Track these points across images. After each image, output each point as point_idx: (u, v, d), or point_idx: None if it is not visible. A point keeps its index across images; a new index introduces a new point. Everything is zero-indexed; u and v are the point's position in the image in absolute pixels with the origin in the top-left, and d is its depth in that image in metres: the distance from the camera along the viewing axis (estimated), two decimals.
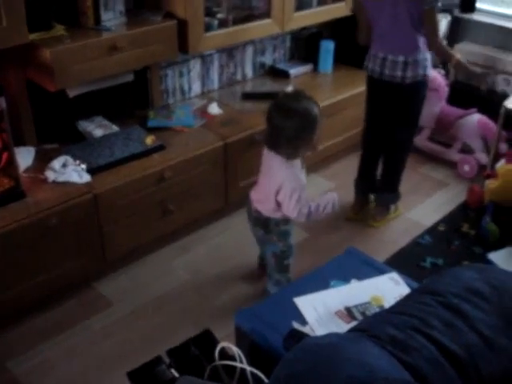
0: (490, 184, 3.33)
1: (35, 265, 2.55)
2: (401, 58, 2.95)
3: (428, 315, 1.57)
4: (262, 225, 2.58)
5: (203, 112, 3.34)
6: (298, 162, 2.45)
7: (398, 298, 1.99)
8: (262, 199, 2.54)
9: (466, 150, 3.90)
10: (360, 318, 1.91)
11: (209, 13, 3.16)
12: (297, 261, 2.90)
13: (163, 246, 3.08)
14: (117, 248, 2.82)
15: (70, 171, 2.68)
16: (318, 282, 2.07)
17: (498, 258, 2.83)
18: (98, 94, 3.01)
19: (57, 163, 2.70)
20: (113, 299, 2.77)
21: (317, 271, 2.15)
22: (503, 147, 3.70)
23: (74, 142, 2.91)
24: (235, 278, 2.91)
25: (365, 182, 3.40)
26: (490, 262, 2.79)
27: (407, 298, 1.75)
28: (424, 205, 3.54)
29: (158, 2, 3.04)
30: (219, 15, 3.25)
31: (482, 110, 3.87)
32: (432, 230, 3.30)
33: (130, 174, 2.76)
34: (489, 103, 3.89)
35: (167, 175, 2.85)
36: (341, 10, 3.75)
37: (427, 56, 2.99)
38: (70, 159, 2.74)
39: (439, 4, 2.85)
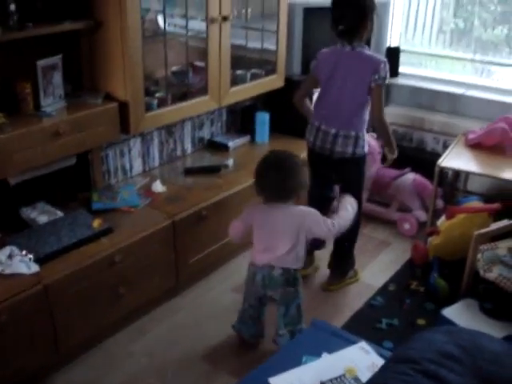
0: (433, 240, 3.44)
1: None
2: (333, 131, 3.05)
3: None
4: (293, 281, 2.71)
5: (147, 190, 3.31)
6: None
7: (371, 367, 2.01)
8: (284, 254, 2.65)
9: (404, 208, 4.03)
10: None
11: (147, 92, 3.17)
12: None
13: (118, 330, 2.97)
14: (70, 338, 2.70)
15: (17, 262, 2.57)
16: (289, 358, 2.05)
17: (453, 313, 2.88)
18: (39, 179, 2.94)
19: (2, 255, 2.58)
20: None
21: (286, 347, 2.14)
22: (439, 203, 3.86)
23: (18, 231, 2.81)
24: (196, 357, 2.83)
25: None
26: (445, 319, 2.84)
27: (384, 369, 1.75)
28: (371, 266, 3.61)
29: (96, 84, 3.04)
30: (158, 94, 3.28)
31: (413, 169, 4.03)
32: (383, 291, 3.35)
33: (80, 261, 2.67)
34: (420, 162, 4.07)
35: (118, 259, 2.78)
36: (274, 82, 3.88)
37: (361, 136, 3.07)
38: (15, 249, 2.63)
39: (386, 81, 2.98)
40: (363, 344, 2.13)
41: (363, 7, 2.93)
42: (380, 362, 2.02)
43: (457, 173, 4.00)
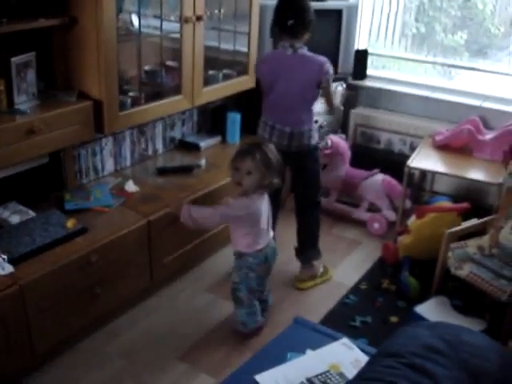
0: (404, 240, 3.51)
1: None
2: (287, 129, 3.17)
3: (397, 378, 1.60)
4: None
5: (120, 190, 3.28)
6: None
7: (354, 363, 2.04)
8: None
9: (373, 208, 4.09)
10: None
11: (120, 91, 3.14)
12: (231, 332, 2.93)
13: (93, 331, 2.93)
14: (46, 340, 2.65)
15: None
16: (274, 355, 2.05)
17: (425, 310, 2.94)
18: (10, 178, 2.89)
19: None
20: None
21: (271, 345, 2.15)
22: (407, 203, 3.93)
23: None
24: (174, 357, 2.82)
25: None
26: (417, 315, 2.90)
27: (371, 363, 1.78)
28: (343, 265, 3.65)
29: (70, 82, 2.99)
30: (131, 93, 3.25)
31: (381, 170, 4.09)
32: (355, 289, 3.40)
33: (55, 261, 2.63)
34: (387, 163, 4.14)
35: (93, 259, 2.75)
36: (245, 83, 3.89)
37: (312, 128, 3.25)
38: None
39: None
40: (345, 340, 2.16)
41: (308, 12, 3.13)
42: (363, 357, 2.06)
43: (423, 173, 4.09)
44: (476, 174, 3.55)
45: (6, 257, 2.57)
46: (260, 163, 2.73)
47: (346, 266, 3.65)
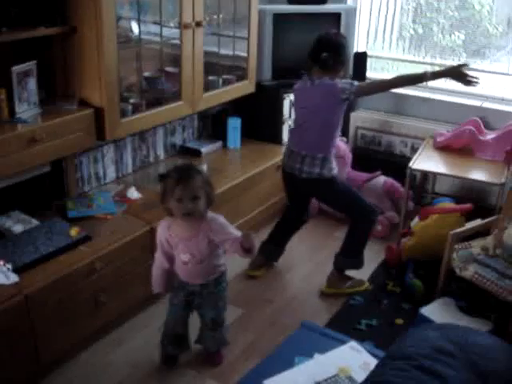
0: (407, 241, 3.50)
1: None
2: (303, 152, 3.15)
3: (407, 380, 1.60)
4: None
5: (123, 197, 3.28)
6: None
7: (363, 366, 2.03)
8: None
9: None
10: None
11: (121, 98, 3.14)
12: (238, 337, 2.95)
13: (97, 339, 2.92)
14: (51, 349, 2.64)
15: None
16: (282, 360, 2.05)
17: (431, 311, 2.93)
18: (12, 187, 2.88)
19: None
20: None
21: (278, 349, 2.14)
22: (410, 205, 3.93)
23: None
24: (179, 364, 2.80)
25: (271, 248, 3.56)
26: (424, 317, 2.89)
27: (382, 365, 1.77)
28: None
29: (70, 90, 2.99)
30: (132, 100, 3.25)
31: (383, 172, 4.09)
32: (361, 291, 3.38)
33: (60, 270, 2.62)
34: (389, 164, 4.14)
35: (98, 266, 2.74)
36: (245, 87, 3.89)
37: (329, 158, 3.16)
38: None
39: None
40: (353, 344, 2.16)
41: (343, 48, 3.14)
42: (372, 360, 2.05)
43: (425, 175, 4.09)
44: (478, 175, 3.55)
45: (10, 266, 2.56)
46: (202, 183, 2.48)
47: None
